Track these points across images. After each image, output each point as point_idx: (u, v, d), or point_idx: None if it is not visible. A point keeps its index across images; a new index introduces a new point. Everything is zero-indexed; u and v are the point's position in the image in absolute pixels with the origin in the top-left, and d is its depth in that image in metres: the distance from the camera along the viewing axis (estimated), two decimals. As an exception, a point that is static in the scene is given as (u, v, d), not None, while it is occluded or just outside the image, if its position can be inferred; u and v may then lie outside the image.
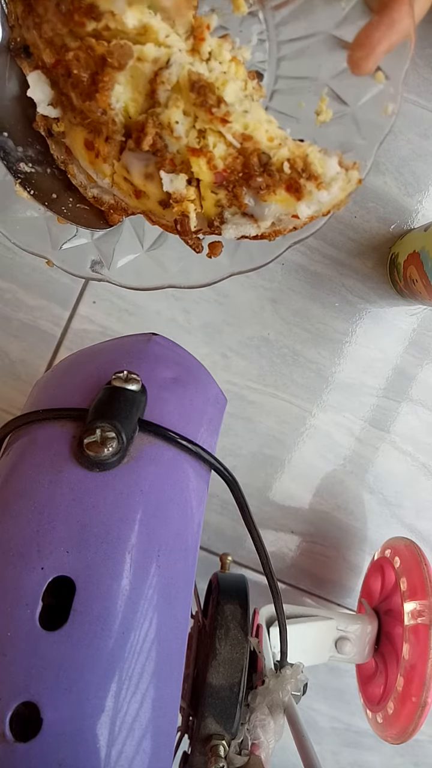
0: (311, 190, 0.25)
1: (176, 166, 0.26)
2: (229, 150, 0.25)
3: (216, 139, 0.25)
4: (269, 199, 0.26)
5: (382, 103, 0.30)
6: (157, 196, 0.27)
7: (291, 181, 0.25)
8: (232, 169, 0.25)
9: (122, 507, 0.25)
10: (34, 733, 0.21)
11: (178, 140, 0.25)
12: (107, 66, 0.24)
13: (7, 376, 0.55)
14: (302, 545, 0.57)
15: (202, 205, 0.27)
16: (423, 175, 0.52)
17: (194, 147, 0.25)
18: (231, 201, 0.26)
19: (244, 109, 0.25)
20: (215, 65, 0.25)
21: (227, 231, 0.28)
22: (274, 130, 0.26)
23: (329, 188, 0.26)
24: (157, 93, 0.25)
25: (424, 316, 0.54)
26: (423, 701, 0.42)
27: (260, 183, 0.25)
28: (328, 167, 0.25)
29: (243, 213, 0.27)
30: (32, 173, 0.28)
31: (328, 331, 0.54)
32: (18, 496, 0.26)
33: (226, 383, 0.55)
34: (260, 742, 0.32)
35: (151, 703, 0.23)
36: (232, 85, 0.25)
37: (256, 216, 0.27)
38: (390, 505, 0.57)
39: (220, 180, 0.26)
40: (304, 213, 0.26)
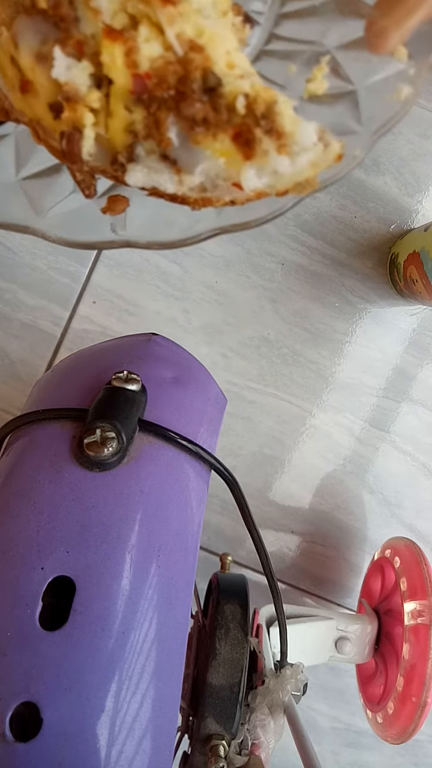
0: (268, 149, 0.18)
1: (83, 54, 0.18)
2: (166, 54, 0.17)
3: (151, 35, 0.17)
4: (205, 144, 0.18)
5: (396, 86, 0.23)
6: (48, 92, 0.18)
7: (243, 128, 0.18)
8: (161, 78, 0.18)
9: (122, 507, 0.25)
10: (34, 733, 0.21)
11: (97, 16, 0.17)
12: None
13: (7, 376, 0.55)
14: (302, 545, 0.57)
15: (108, 125, 0.19)
16: (423, 175, 0.52)
17: (112, 27, 0.17)
18: (149, 130, 0.18)
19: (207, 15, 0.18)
20: None
21: (133, 174, 0.19)
22: (241, 60, 0.18)
23: (295, 157, 0.18)
24: None
25: (424, 316, 0.54)
26: (423, 701, 0.42)
27: (197, 111, 0.18)
28: (301, 129, 0.18)
29: (163, 155, 0.19)
30: None
31: (328, 331, 0.54)
32: (18, 496, 0.26)
33: (226, 383, 0.55)
34: (260, 742, 0.32)
35: (151, 703, 0.23)
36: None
37: (181, 163, 0.19)
38: (390, 505, 0.57)
39: (139, 89, 0.18)
40: (251, 182, 0.19)
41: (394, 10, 0.21)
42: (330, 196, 0.53)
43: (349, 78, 0.25)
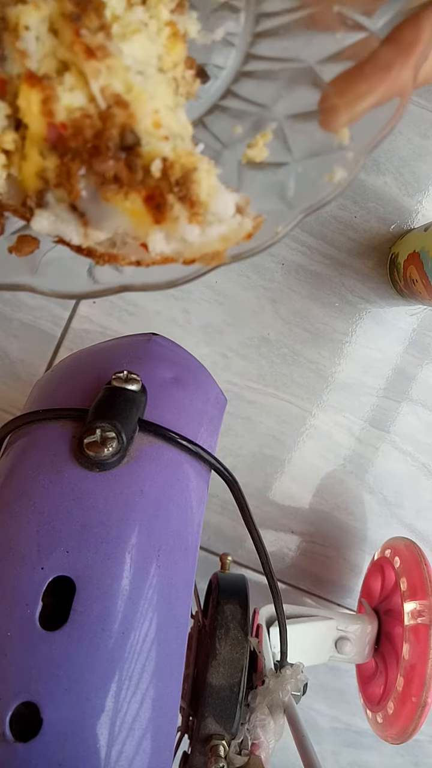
0: (179, 216, 0.17)
1: (5, 94, 0.18)
2: (89, 107, 0.17)
3: (77, 84, 0.17)
4: (115, 202, 0.18)
5: (332, 167, 0.22)
6: None
7: (156, 191, 0.17)
8: (78, 130, 0.17)
9: (122, 507, 0.25)
10: (34, 733, 0.21)
11: (23, 58, 0.17)
12: None
13: (7, 376, 0.55)
14: (302, 545, 0.57)
15: (21, 167, 0.19)
16: (423, 175, 0.52)
17: (33, 72, 0.17)
18: (60, 179, 0.18)
19: (140, 71, 0.18)
20: (139, 11, 0.18)
21: (39, 220, 0.19)
22: (171, 121, 0.18)
23: (206, 227, 0.18)
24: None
25: (424, 316, 0.54)
26: (423, 701, 0.42)
27: (108, 168, 0.17)
28: (218, 200, 0.18)
29: (72, 205, 0.18)
30: None
31: (328, 331, 0.54)
32: (18, 496, 0.26)
33: (226, 383, 0.55)
34: (260, 742, 0.32)
35: (151, 703, 0.23)
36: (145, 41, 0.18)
37: (89, 218, 0.18)
38: (390, 505, 0.57)
39: (53, 137, 0.17)
40: (158, 246, 0.18)
41: (347, 91, 0.21)
42: (330, 196, 0.53)
43: (290, 150, 0.24)
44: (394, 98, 0.21)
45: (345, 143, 0.22)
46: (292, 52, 0.25)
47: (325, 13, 0.23)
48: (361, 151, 0.22)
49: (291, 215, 0.22)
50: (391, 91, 0.21)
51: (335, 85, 0.22)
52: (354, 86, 0.21)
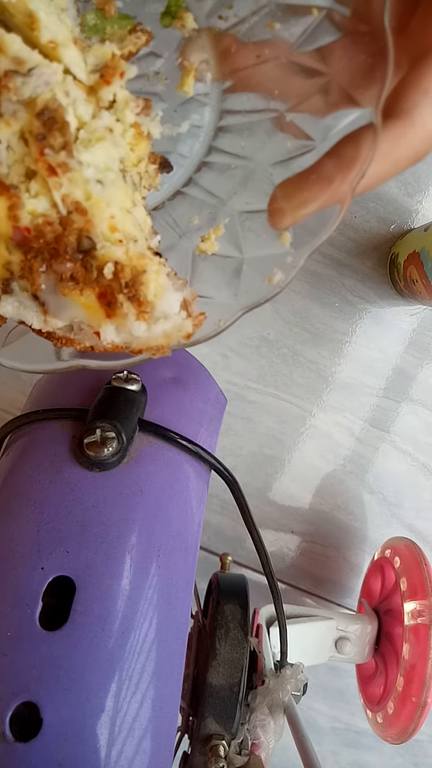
0: (128, 313, 0.20)
1: None
2: (51, 212, 0.19)
3: (41, 190, 0.19)
4: (71, 297, 0.20)
5: (272, 268, 0.24)
6: None
7: (108, 290, 0.20)
8: (40, 234, 0.19)
9: (122, 507, 0.25)
10: (34, 733, 0.21)
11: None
12: None
13: (7, 376, 0.55)
14: (302, 545, 0.57)
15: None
16: (423, 175, 0.52)
17: (2, 180, 0.19)
18: (24, 272, 0.20)
19: (101, 179, 0.20)
20: (106, 117, 0.20)
21: (5, 305, 0.21)
22: (127, 224, 0.20)
23: (151, 324, 0.20)
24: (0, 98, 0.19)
25: (424, 316, 0.54)
26: (423, 701, 0.42)
27: (66, 270, 0.19)
28: (163, 300, 0.20)
29: (33, 295, 0.21)
30: None
31: (328, 331, 0.54)
32: (18, 496, 0.26)
33: (226, 383, 0.55)
34: (260, 742, 0.32)
35: (151, 703, 0.23)
36: (107, 146, 0.20)
37: (48, 307, 0.21)
38: (390, 505, 0.57)
39: (18, 238, 0.19)
40: (109, 336, 0.21)
41: (293, 196, 0.23)
42: (330, 196, 0.53)
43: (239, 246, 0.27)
44: (334, 205, 0.23)
45: (286, 247, 0.25)
46: (249, 152, 0.27)
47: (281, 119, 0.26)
48: (300, 257, 0.25)
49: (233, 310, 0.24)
50: (331, 200, 0.23)
51: (282, 189, 0.23)
52: (299, 193, 0.23)
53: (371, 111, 0.21)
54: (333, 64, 0.23)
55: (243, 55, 0.24)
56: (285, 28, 0.24)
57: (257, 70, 0.25)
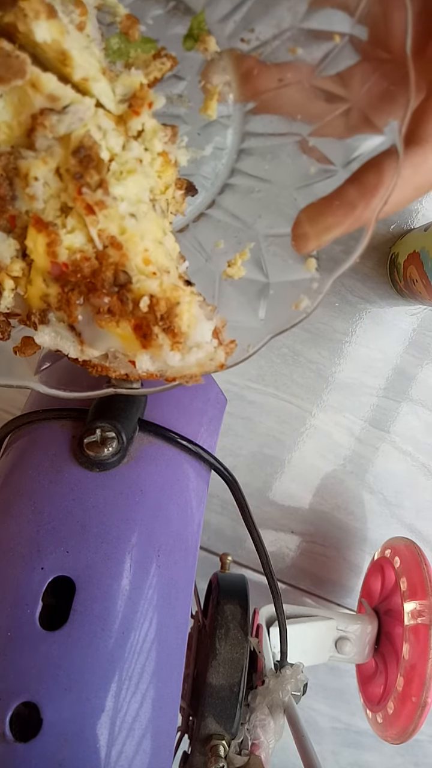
0: (163, 344, 0.20)
1: (15, 227, 0.20)
2: (87, 246, 0.20)
3: (77, 225, 0.20)
4: (107, 328, 0.20)
5: (298, 293, 0.24)
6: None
7: (143, 322, 0.20)
8: (77, 269, 0.20)
9: (122, 507, 0.25)
10: (34, 733, 0.21)
11: (31, 200, 0.20)
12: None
13: (7, 376, 0.55)
14: (302, 545, 0.57)
15: (27, 289, 0.21)
16: (423, 175, 0.52)
17: (40, 218, 0.20)
18: (61, 304, 0.21)
19: (132, 212, 0.20)
20: (135, 148, 0.20)
21: (42, 335, 0.22)
22: (159, 255, 0.21)
23: (185, 354, 0.20)
24: (35, 135, 0.19)
25: (424, 316, 0.54)
26: (423, 701, 0.42)
27: (103, 304, 0.20)
28: (197, 330, 0.20)
29: (71, 325, 0.21)
30: None
31: (328, 331, 0.54)
32: (18, 496, 0.26)
33: (226, 383, 0.55)
34: (260, 742, 0.32)
35: (151, 703, 0.23)
36: (138, 178, 0.20)
37: (84, 338, 0.21)
38: (390, 505, 0.57)
39: (56, 273, 0.20)
40: (144, 365, 0.21)
41: (317, 221, 0.23)
42: (330, 196, 0.53)
43: (265, 271, 0.27)
44: (359, 228, 0.23)
45: (312, 272, 0.25)
46: (273, 175, 0.27)
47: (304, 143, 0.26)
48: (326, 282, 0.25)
49: (261, 335, 0.24)
50: (355, 225, 0.23)
51: (307, 214, 0.24)
52: (323, 218, 0.23)
53: (393, 137, 0.21)
54: (354, 89, 0.23)
55: (265, 77, 0.24)
56: (307, 52, 0.24)
57: (280, 93, 0.25)
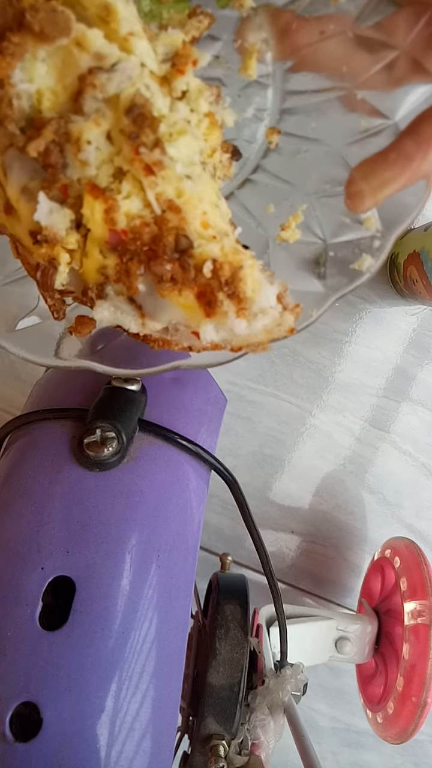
0: (228, 311, 0.19)
1: (68, 197, 0.19)
2: (145, 212, 0.19)
3: (133, 190, 0.19)
4: (170, 298, 0.19)
5: (361, 254, 0.24)
6: (29, 221, 0.19)
7: (207, 289, 0.19)
8: (137, 236, 0.19)
9: (122, 507, 0.25)
10: (34, 733, 0.21)
11: (84, 167, 0.19)
12: (25, 27, 0.17)
13: (7, 376, 0.55)
14: (302, 545, 0.57)
15: (83, 262, 0.20)
16: (423, 175, 0.52)
17: (96, 184, 0.19)
18: (120, 276, 0.20)
19: (188, 174, 0.19)
20: (182, 109, 0.20)
21: (101, 311, 0.21)
22: (217, 219, 0.20)
23: (252, 320, 0.19)
24: (83, 96, 0.18)
25: (424, 316, 0.54)
26: (423, 701, 0.42)
27: (165, 271, 0.19)
28: (261, 294, 0.19)
29: (130, 298, 0.20)
30: None
31: (328, 331, 0.54)
32: (18, 496, 0.26)
33: (226, 383, 0.55)
34: (260, 742, 0.32)
35: (151, 703, 0.23)
36: (189, 140, 0.19)
37: (146, 310, 0.20)
38: (390, 505, 0.57)
39: (114, 242, 0.19)
40: (208, 336, 0.20)
41: (372, 177, 0.22)
42: (330, 196, 0.53)
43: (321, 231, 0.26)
44: (417, 182, 0.22)
45: (372, 230, 0.24)
46: (320, 133, 0.26)
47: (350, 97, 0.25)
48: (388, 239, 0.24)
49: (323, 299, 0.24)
50: (413, 178, 0.22)
51: (361, 170, 0.23)
52: (379, 173, 0.22)
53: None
54: (399, 37, 0.22)
55: (304, 31, 0.23)
56: (349, 1, 0.22)
57: (320, 47, 0.23)
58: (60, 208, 0.19)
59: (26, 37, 0.17)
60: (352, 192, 0.23)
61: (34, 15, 0.17)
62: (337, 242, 0.25)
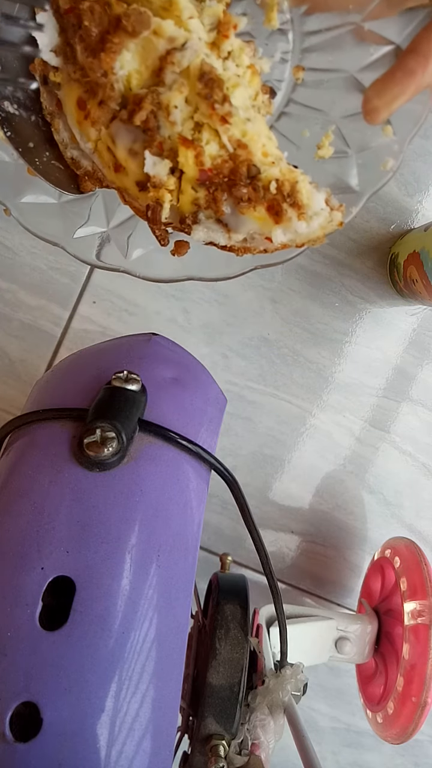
0: (291, 217, 0.25)
1: (164, 151, 0.25)
2: (221, 152, 0.25)
3: (210, 137, 0.25)
4: (247, 214, 0.26)
5: (384, 157, 0.30)
6: (136, 175, 0.26)
7: (274, 202, 0.25)
8: (219, 171, 0.25)
9: (122, 507, 0.25)
10: (34, 733, 0.21)
11: (173, 126, 0.25)
12: (120, 29, 0.23)
13: (7, 376, 0.55)
14: (302, 545, 0.57)
15: (179, 198, 0.26)
16: (423, 175, 0.52)
17: (186, 137, 0.25)
18: (209, 203, 0.26)
19: (247, 117, 0.25)
20: (231, 66, 0.25)
21: (197, 232, 0.27)
22: (272, 148, 0.26)
23: (310, 221, 0.25)
24: (165, 72, 0.24)
25: (424, 316, 0.54)
26: (423, 701, 0.42)
27: (243, 194, 0.25)
28: (314, 200, 0.25)
29: (218, 219, 0.27)
30: (15, 115, 0.27)
31: (328, 331, 0.54)
32: (18, 496, 0.26)
33: (226, 383, 0.55)
34: (260, 742, 0.32)
35: (151, 703, 0.23)
36: (242, 89, 0.25)
37: (231, 226, 0.27)
38: (390, 505, 0.57)
39: (203, 178, 0.25)
40: (279, 238, 0.26)
41: (384, 93, 0.27)
42: (330, 196, 0.53)
43: (349, 146, 0.32)
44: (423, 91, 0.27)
45: (390, 137, 0.30)
46: (338, 64, 0.32)
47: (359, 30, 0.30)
48: (404, 142, 0.30)
49: (359, 199, 0.31)
50: (419, 89, 0.27)
51: (373, 89, 0.28)
52: (389, 89, 0.27)
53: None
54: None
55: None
56: None
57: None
58: (160, 161, 0.25)
59: (122, 36, 0.23)
60: (368, 108, 0.28)
61: (128, 19, 0.23)
62: (363, 152, 0.32)
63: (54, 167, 0.29)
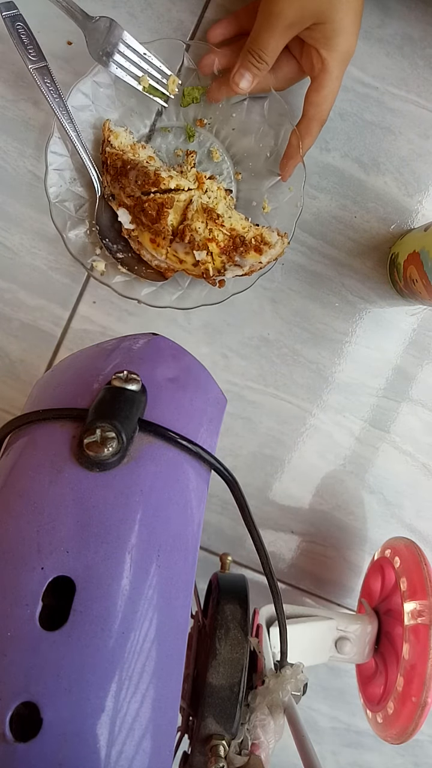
0: (266, 249, 0.47)
1: (200, 247, 0.46)
2: (225, 237, 0.47)
3: (218, 232, 0.46)
4: (247, 257, 0.47)
5: (294, 202, 0.50)
6: (191, 262, 0.48)
7: (256, 247, 0.47)
8: (227, 245, 0.47)
9: (122, 507, 0.25)
10: (34, 733, 0.21)
11: (200, 234, 0.46)
12: (164, 207, 0.46)
13: (7, 376, 0.55)
14: (302, 545, 0.57)
15: (214, 263, 0.47)
16: (423, 175, 0.52)
17: (208, 237, 0.46)
18: (228, 259, 0.47)
19: (229, 215, 0.47)
20: (211, 193, 0.48)
21: (228, 273, 0.48)
22: (244, 222, 0.48)
23: (274, 247, 0.47)
24: (188, 214, 0.46)
25: (424, 316, 0.54)
26: (423, 701, 0.42)
27: (241, 251, 0.47)
28: (272, 237, 0.47)
29: (234, 264, 0.48)
30: (123, 257, 0.50)
31: (328, 331, 0.54)
32: (18, 496, 0.26)
33: (226, 383, 0.55)
34: (260, 742, 0.32)
35: (151, 703, 0.23)
36: (221, 203, 0.48)
37: (241, 265, 0.48)
38: (390, 505, 0.57)
39: (222, 251, 0.47)
40: (264, 260, 0.47)
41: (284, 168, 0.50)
42: (330, 196, 0.53)
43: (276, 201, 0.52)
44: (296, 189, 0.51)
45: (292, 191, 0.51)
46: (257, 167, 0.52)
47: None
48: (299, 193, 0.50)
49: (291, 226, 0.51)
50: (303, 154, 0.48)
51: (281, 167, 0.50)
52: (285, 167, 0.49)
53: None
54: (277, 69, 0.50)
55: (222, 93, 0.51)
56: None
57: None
58: (201, 252, 0.46)
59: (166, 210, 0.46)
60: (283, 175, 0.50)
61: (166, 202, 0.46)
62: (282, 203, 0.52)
63: (149, 273, 0.51)
